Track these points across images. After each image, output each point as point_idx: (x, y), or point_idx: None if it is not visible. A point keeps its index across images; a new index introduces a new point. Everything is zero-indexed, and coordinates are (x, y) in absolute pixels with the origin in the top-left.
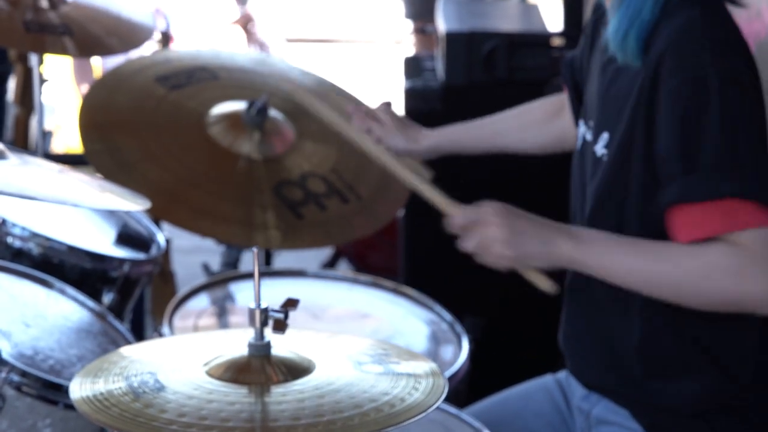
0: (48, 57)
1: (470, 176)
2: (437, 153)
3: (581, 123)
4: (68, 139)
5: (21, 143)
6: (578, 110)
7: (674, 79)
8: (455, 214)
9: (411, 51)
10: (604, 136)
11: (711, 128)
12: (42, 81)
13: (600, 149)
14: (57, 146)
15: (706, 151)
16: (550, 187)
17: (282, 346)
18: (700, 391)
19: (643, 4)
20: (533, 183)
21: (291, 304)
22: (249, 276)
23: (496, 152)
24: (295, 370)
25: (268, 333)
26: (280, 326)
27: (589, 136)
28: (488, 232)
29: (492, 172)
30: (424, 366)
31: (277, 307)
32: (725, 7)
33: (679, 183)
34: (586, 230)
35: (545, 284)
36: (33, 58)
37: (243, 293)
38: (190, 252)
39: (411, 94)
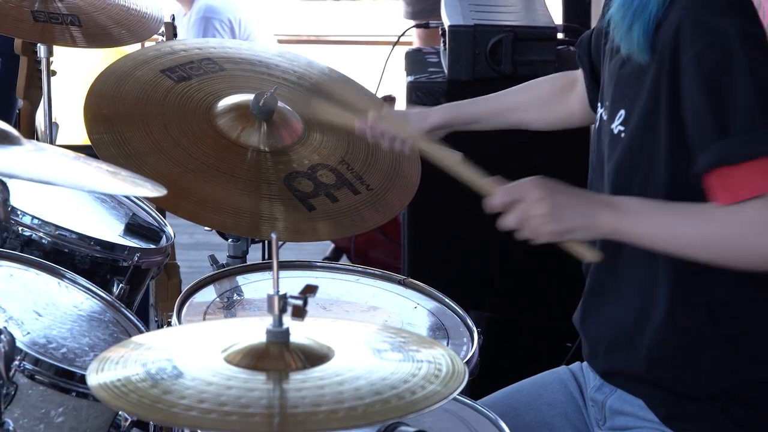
0: (56, 48)
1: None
2: (446, 129)
3: (599, 105)
4: (74, 131)
5: (26, 136)
6: (593, 89)
7: (696, 46)
8: (495, 192)
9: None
10: (621, 114)
11: (740, 90)
12: (50, 73)
13: (617, 127)
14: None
15: (738, 113)
16: (563, 166)
17: (300, 333)
18: (716, 375)
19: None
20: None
21: (310, 290)
22: (256, 268)
23: (504, 128)
24: (314, 357)
25: (287, 320)
26: (299, 313)
27: (605, 116)
28: (529, 209)
29: (502, 147)
30: (444, 353)
31: (296, 293)
32: None
33: (716, 147)
34: (625, 199)
35: (589, 255)
36: (42, 49)
37: (250, 286)
38: (191, 248)
39: (414, 89)
